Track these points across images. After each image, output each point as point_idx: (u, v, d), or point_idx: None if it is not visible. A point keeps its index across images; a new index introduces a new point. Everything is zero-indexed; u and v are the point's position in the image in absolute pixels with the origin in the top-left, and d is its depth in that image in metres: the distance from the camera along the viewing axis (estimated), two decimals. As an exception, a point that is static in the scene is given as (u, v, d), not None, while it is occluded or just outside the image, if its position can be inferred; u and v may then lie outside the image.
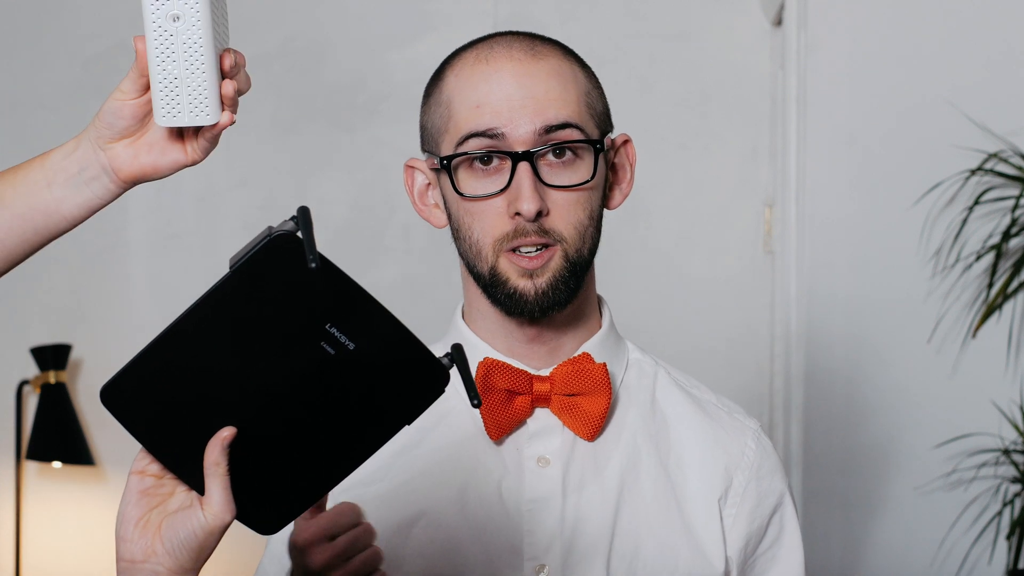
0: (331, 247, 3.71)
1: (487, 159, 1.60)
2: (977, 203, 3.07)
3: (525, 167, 1.59)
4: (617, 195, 1.69)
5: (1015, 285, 3.05)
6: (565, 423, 1.64)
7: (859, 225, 3.18)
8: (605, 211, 1.67)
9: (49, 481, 3.75)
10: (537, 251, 1.60)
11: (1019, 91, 3.14)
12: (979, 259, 3.09)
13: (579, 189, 1.61)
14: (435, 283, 3.67)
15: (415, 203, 1.70)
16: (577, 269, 1.62)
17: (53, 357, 3.67)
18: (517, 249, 1.60)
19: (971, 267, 3.11)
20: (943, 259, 3.13)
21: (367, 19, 3.75)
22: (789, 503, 1.72)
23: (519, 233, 1.59)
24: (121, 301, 3.76)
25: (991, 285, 3.05)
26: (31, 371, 3.73)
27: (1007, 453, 3.06)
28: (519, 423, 1.64)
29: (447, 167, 1.61)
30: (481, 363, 1.62)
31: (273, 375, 1.26)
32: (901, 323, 3.16)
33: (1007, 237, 3.03)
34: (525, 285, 1.61)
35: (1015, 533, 2.99)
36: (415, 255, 3.71)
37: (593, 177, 1.62)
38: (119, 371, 1.27)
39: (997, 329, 3.12)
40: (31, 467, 3.75)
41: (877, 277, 3.17)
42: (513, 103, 1.59)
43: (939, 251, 3.13)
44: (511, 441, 1.65)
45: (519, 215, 1.58)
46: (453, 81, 1.63)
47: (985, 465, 3.11)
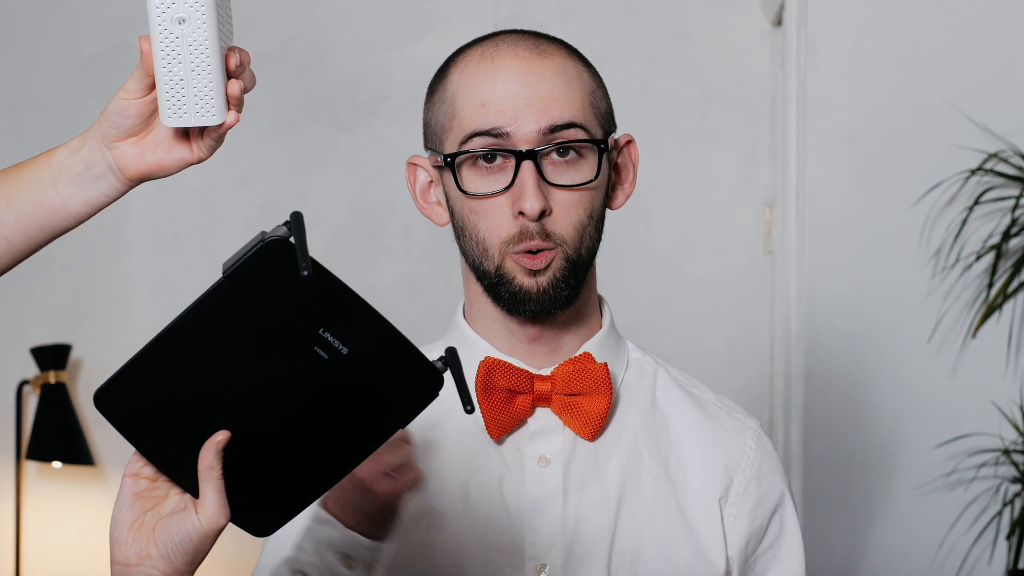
0: (331, 247, 3.70)
1: (491, 157, 1.60)
2: (977, 203, 3.07)
3: (529, 166, 1.59)
4: (620, 195, 1.69)
5: (1015, 285, 3.05)
6: (566, 423, 1.64)
7: (859, 225, 3.18)
8: (607, 211, 1.67)
9: (49, 481, 3.75)
10: (539, 251, 1.60)
11: (1019, 91, 3.14)
12: (979, 259, 3.09)
13: (582, 188, 1.61)
14: (435, 283, 3.67)
15: (417, 200, 1.69)
16: (577, 269, 1.62)
17: (53, 357, 3.67)
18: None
19: (971, 267, 3.11)
20: (943, 259, 3.12)
21: (367, 19, 3.75)
22: (789, 503, 1.72)
23: (524, 236, 1.59)
24: (121, 301, 3.76)
25: (991, 285, 3.05)
26: (31, 371, 3.73)
27: (1007, 453, 3.06)
28: (520, 423, 1.64)
29: (451, 165, 1.61)
30: (482, 362, 1.62)
31: (266, 379, 1.26)
32: (901, 323, 3.16)
33: (1007, 237, 3.03)
34: (528, 283, 1.60)
35: (1015, 533, 2.99)
36: (415, 255, 3.71)
37: (596, 177, 1.61)
38: (113, 375, 1.27)
39: (997, 329, 3.12)
40: (31, 467, 3.74)
41: (877, 277, 3.16)
42: (518, 102, 1.59)
43: (939, 251, 3.13)
44: (512, 441, 1.64)
45: (522, 214, 1.58)
46: (458, 79, 1.63)
47: (985, 465, 3.11)
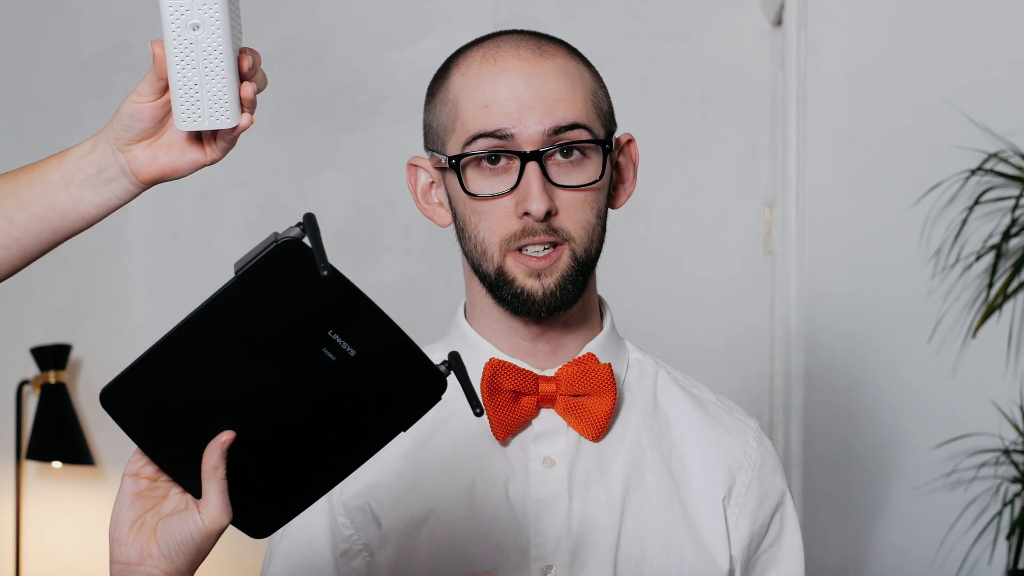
0: (331, 247, 3.68)
1: (495, 158, 1.60)
2: (977, 203, 3.07)
3: (534, 167, 1.58)
4: (621, 194, 1.69)
5: (1015, 285, 3.05)
6: (570, 424, 1.64)
7: (859, 225, 3.18)
8: (608, 210, 1.67)
9: (49, 481, 3.75)
10: (545, 251, 1.60)
11: (1019, 91, 3.14)
12: (979, 259, 3.09)
13: (587, 189, 1.61)
14: (435, 283, 3.67)
15: (418, 202, 1.69)
16: (584, 269, 1.62)
17: (53, 357, 3.67)
18: (524, 248, 1.60)
19: (971, 267, 3.11)
20: (943, 259, 3.13)
21: (367, 19, 3.75)
22: (789, 502, 1.72)
23: (527, 232, 1.59)
24: (121, 301, 3.76)
25: (991, 285, 3.05)
26: (31, 371, 3.72)
27: (1007, 453, 3.06)
28: (524, 424, 1.64)
29: (455, 166, 1.61)
30: (488, 364, 1.62)
31: (273, 379, 1.26)
32: (901, 323, 3.16)
33: (1007, 237, 3.03)
34: (533, 285, 1.60)
35: (1015, 533, 2.99)
36: (415, 255, 3.71)
37: (601, 177, 1.62)
38: (119, 374, 1.27)
39: (997, 329, 3.12)
40: (31, 467, 3.74)
41: (877, 277, 3.16)
42: (522, 103, 1.59)
43: (939, 251, 3.13)
44: (516, 442, 1.64)
45: (528, 215, 1.58)
46: (460, 80, 1.63)
47: (985, 465, 3.11)
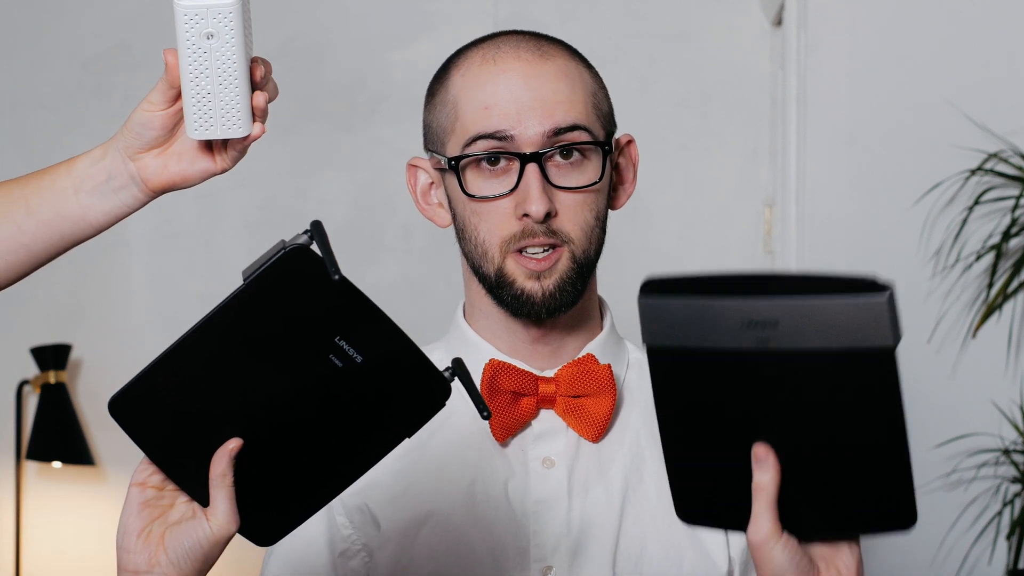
0: (331, 247, 3.70)
1: (494, 160, 1.60)
2: (977, 203, 3.07)
3: (533, 168, 1.58)
4: (621, 195, 1.69)
5: (1015, 285, 3.05)
6: (570, 425, 1.64)
7: (859, 225, 3.18)
8: (608, 211, 1.67)
9: (49, 481, 3.75)
10: (544, 252, 1.60)
11: (1019, 91, 3.14)
12: (979, 259, 3.09)
13: (587, 191, 1.61)
14: (435, 283, 3.67)
15: (418, 202, 1.69)
16: (584, 270, 1.61)
17: (53, 357, 3.67)
18: (524, 250, 1.60)
19: (971, 267, 3.11)
20: (943, 259, 3.12)
21: (367, 19, 3.75)
22: (789, 503, 1.72)
23: (527, 234, 1.59)
24: (121, 301, 3.76)
25: (991, 285, 3.05)
26: (31, 371, 3.72)
27: (1007, 453, 3.06)
28: (524, 424, 1.64)
29: (455, 168, 1.61)
30: (487, 365, 1.62)
31: (280, 386, 1.26)
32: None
33: (1007, 237, 3.02)
34: (532, 287, 1.60)
35: (1015, 533, 2.99)
36: (415, 255, 3.71)
37: (601, 179, 1.61)
38: (128, 382, 1.27)
39: (997, 329, 3.11)
40: (31, 467, 3.74)
41: (877, 277, 3.16)
42: (522, 105, 1.59)
43: (939, 251, 3.13)
44: (516, 442, 1.64)
45: (527, 216, 1.58)
46: (459, 81, 1.63)
47: (985, 465, 3.11)
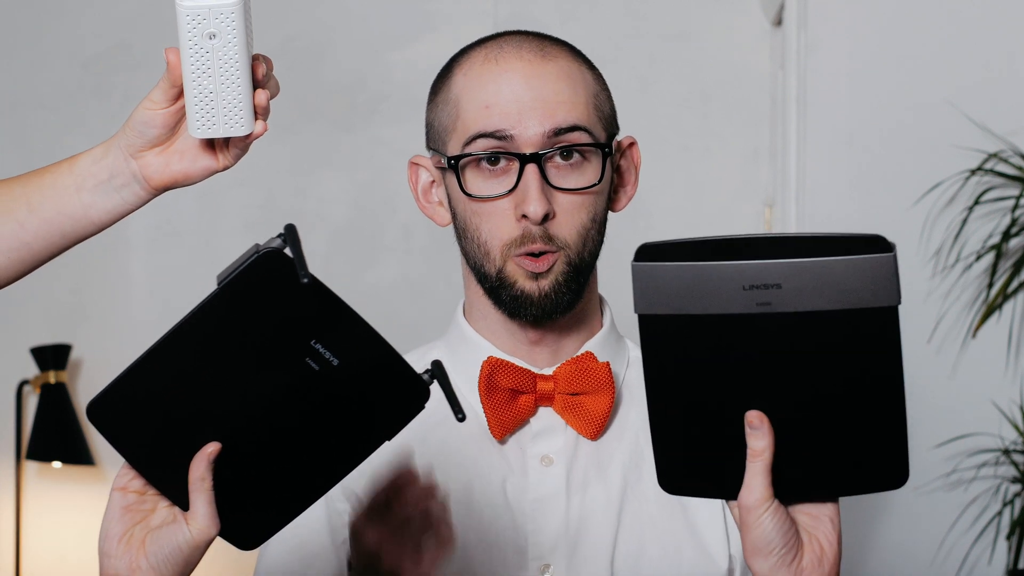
0: (331, 247, 3.70)
1: (494, 160, 1.60)
2: (977, 203, 3.07)
3: (533, 169, 1.58)
4: (622, 197, 1.69)
5: (1015, 285, 3.05)
6: (568, 422, 1.64)
7: (859, 225, 3.17)
8: (609, 213, 1.67)
9: (49, 481, 3.75)
10: (542, 253, 1.60)
11: (1019, 91, 3.14)
12: (979, 259, 3.09)
13: (586, 192, 1.61)
14: (435, 283, 3.67)
15: (419, 200, 1.69)
16: (579, 272, 1.62)
17: (53, 357, 3.67)
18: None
19: (971, 267, 3.11)
20: (943, 259, 3.12)
21: (367, 19, 3.75)
22: (789, 502, 1.72)
23: (527, 239, 1.59)
24: (121, 301, 3.76)
25: (991, 285, 3.05)
26: (31, 371, 3.72)
27: (1007, 453, 3.06)
28: (523, 422, 1.64)
29: (454, 167, 1.61)
30: (485, 362, 1.62)
31: (258, 390, 1.27)
32: (901, 323, 3.15)
33: (1007, 237, 3.03)
34: (530, 287, 1.60)
35: (1015, 533, 2.99)
36: (415, 255, 3.71)
37: (600, 181, 1.61)
38: (106, 387, 1.27)
39: (997, 329, 3.12)
40: (31, 467, 3.74)
41: (877, 277, 3.16)
42: (523, 104, 1.59)
43: (939, 251, 3.13)
44: (514, 440, 1.64)
45: (525, 217, 1.58)
46: (462, 80, 1.63)
47: (985, 465, 3.11)
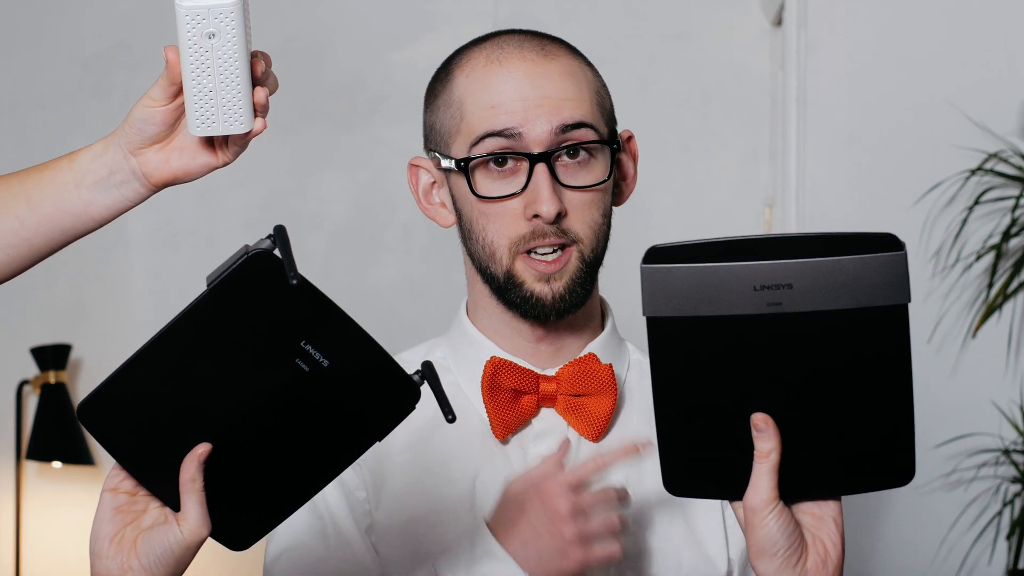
0: (331, 247, 3.70)
1: (502, 160, 1.60)
2: (977, 203, 3.07)
3: (543, 169, 1.58)
4: (624, 191, 1.70)
5: (1015, 285, 3.05)
6: (570, 424, 1.64)
7: (859, 225, 3.17)
8: (612, 208, 1.67)
9: (49, 481, 3.74)
10: (554, 254, 1.60)
11: (1019, 91, 3.14)
12: (979, 259, 3.09)
13: (595, 189, 1.61)
14: (435, 283, 3.66)
15: (420, 202, 1.69)
16: (591, 270, 1.62)
17: (53, 357, 3.66)
18: (532, 251, 1.60)
19: (971, 267, 3.11)
20: (943, 259, 3.12)
21: (367, 19, 3.75)
22: (788, 503, 1.72)
23: (536, 235, 1.59)
24: (121, 301, 3.76)
25: (991, 285, 3.05)
26: (31, 371, 3.72)
27: (1007, 453, 3.06)
28: (524, 423, 1.64)
29: (464, 168, 1.61)
30: (488, 362, 1.62)
31: (248, 392, 1.27)
32: (902, 323, 3.15)
33: (1007, 237, 3.03)
34: (542, 289, 1.60)
35: (1015, 533, 2.99)
36: (415, 255, 3.71)
37: (609, 177, 1.62)
38: (96, 388, 1.28)
39: (997, 329, 3.11)
40: (31, 467, 3.74)
41: (877, 277, 3.16)
42: (528, 103, 1.59)
43: (939, 251, 3.13)
44: (516, 441, 1.64)
45: (538, 217, 1.58)
46: (464, 82, 1.63)
47: (985, 465, 3.11)
